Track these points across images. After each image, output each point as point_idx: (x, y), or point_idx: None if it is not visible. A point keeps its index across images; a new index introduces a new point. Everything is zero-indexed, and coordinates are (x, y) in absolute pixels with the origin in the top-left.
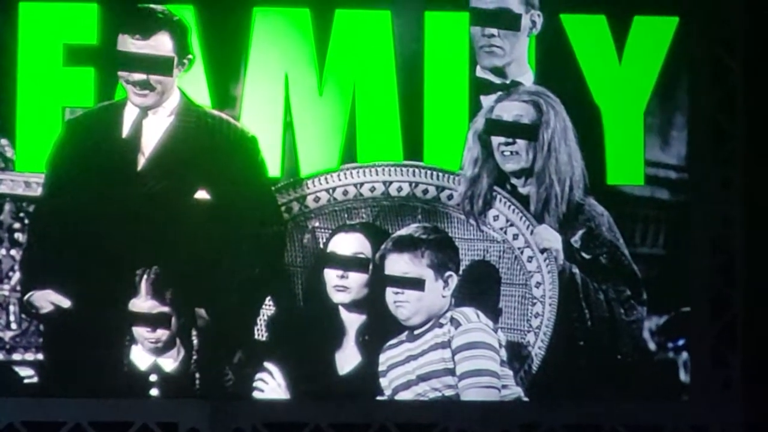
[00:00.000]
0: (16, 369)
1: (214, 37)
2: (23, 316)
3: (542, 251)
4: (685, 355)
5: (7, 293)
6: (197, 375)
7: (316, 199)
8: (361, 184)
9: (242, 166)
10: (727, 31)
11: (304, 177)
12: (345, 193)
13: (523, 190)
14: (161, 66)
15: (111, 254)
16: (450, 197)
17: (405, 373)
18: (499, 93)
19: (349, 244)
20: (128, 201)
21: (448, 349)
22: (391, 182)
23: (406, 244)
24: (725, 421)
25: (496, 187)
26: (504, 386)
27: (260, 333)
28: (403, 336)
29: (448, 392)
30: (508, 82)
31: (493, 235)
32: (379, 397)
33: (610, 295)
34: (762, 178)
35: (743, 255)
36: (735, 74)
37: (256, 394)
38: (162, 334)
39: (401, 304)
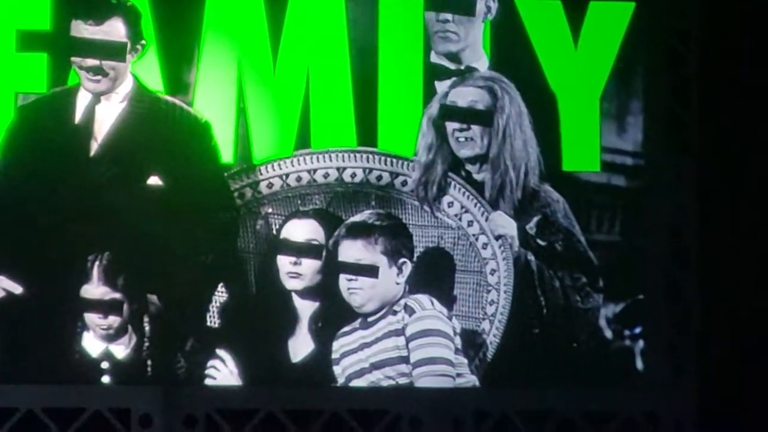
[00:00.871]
0: None
1: (167, 23)
2: None
3: (497, 238)
4: (641, 343)
5: None
6: (149, 362)
7: (269, 185)
8: (315, 170)
9: (195, 151)
10: (682, 22)
11: (257, 163)
12: (298, 179)
13: (477, 177)
14: (114, 51)
15: (63, 240)
16: (404, 183)
17: (358, 361)
18: (454, 78)
19: (302, 230)
20: (81, 187)
21: (402, 336)
22: (344, 168)
23: (360, 231)
24: (677, 407)
25: (450, 174)
26: (458, 374)
27: (212, 320)
28: (357, 323)
29: (402, 380)
30: (462, 67)
31: (448, 222)
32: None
33: (566, 282)
34: (715, 167)
35: (697, 242)
36: (689, 64)
37: (208, 381)
38: (114, 320)
39: (355, 291)
